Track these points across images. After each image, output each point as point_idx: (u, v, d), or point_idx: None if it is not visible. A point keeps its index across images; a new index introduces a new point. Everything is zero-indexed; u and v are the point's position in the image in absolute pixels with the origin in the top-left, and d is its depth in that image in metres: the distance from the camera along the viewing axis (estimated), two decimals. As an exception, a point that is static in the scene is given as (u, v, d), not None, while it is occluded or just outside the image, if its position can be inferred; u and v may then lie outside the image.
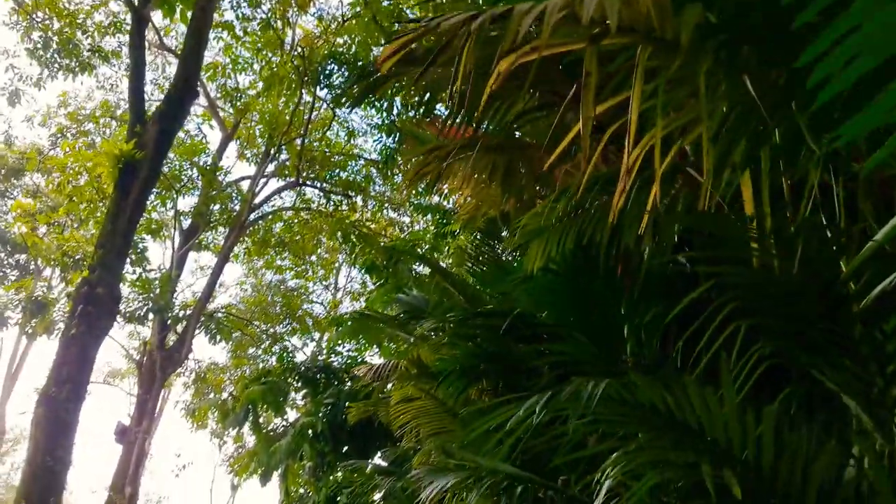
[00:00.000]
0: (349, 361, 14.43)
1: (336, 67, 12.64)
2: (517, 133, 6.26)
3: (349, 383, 13.76)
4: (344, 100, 12.72)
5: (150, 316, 12.96)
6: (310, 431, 13.08)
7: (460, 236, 11.24)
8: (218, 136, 16.99)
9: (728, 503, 2.45)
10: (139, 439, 13.16)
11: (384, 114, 13.56)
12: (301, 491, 14.09)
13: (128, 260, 13.11)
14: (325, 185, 15.44)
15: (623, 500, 3.20)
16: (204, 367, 19.07)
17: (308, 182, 15.37)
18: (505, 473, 3.97)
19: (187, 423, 17.86)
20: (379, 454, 11.82)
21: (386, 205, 16.70)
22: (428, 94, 5.15)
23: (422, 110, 6.25)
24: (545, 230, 3.93)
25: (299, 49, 13.84)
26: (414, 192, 15.04)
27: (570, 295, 4.09)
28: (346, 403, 13.34)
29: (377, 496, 12.75)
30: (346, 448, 13.69)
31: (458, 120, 6.01)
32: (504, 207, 7.47)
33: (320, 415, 13.19)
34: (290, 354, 15.40)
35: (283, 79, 12.48)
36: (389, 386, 11.39)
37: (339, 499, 12.15)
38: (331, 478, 12.80)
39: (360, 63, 11.94)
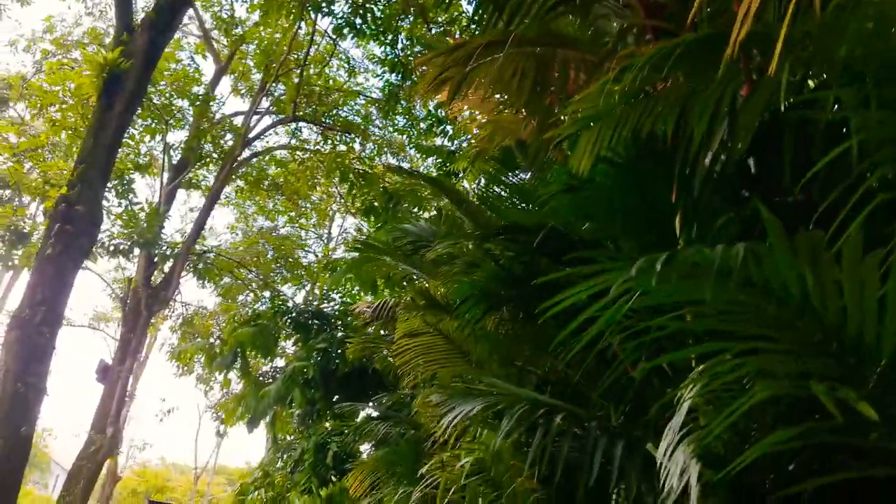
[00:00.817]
0: (342, 307, 13.87)
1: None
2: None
3: (342, 331, 13.23)
4: (346, 30, 11.95)
5: (136, 251, 12.32)
6: (300, 377, 12.59)
7: (468, 174, 10.62)
8: (211, 69, 16.19)
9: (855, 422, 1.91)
10: (121, 378, 12.61)
11: (388, 48, 12.81)
12: (289, 438, 13.63)
13: (114, 192, 12.44)
14: (322, 123, 14.70)
15: (700, 422, 2.66)
16: (192, 311, 18.50)
17: (305, 119, 14.62)
18: (542, 401, 3.43)
19: (173, 369, 17.38)
20: (371, 403, 11.32)
21: (386, 149, 15.99)
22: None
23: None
24: (602, 116, 3.31)
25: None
26: (416, 132, 14.37)
27: (625, 199, 3.49)
28: (339, 350, 12.85)
29: (365, 447, 12.36)
30: (336, 397, 13.23)
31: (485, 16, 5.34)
32: (523, 134, 6.84)
33: (312, 361, 12.69)
34: (281, 298, 14.80)
35: (282, 4, 11.67)
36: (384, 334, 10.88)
37: (328, 446, 11.70)
38: (321, 425, 12.34)
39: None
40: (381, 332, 8.51)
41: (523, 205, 5.49)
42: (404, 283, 9.05)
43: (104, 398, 12.82)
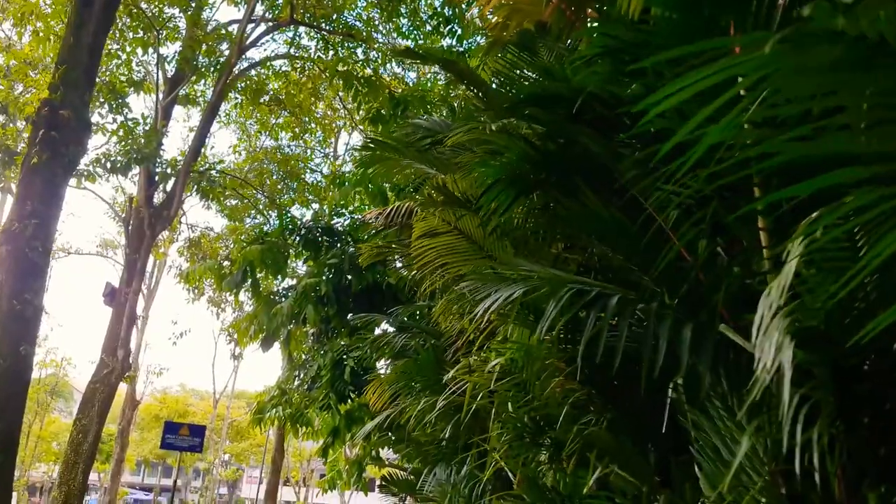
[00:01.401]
0: (352, 223, 13.40)
1: None
2: None
3: (353, 247, 12.78)
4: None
5: (135, 168, 11.80)
6: (313, 294, 12.24)
7: (481, 72, 9.89)
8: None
9: None
10: (129, 300, 12.31)
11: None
12: (305, 357, 13.42)
13: (107, 107, 11.80)
14: (322, 28, 13.84)
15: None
16: (198, 233, 18.09)
17: (303, 24, 13.75)
18: (590, 284, 2.95)
19: (184, 293, 17.11)
20: (387, 320, 10.96)
21: (390, 58, 15.13)
22: None
23: None
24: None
25: None
26: (422, 34, 13.54)
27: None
28: (352, 266, 12.46)
29: (382, 364, 12.12)
30: (350, 315, 12.92)
31: None
32: (543, 14, 6.15)
33: (323, 278, 12.31)
34: (289, 215, 14.31)
35: None
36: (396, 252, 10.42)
37: (345, 362, 11.44)
38: (336, 342, 12.05)
39: None
40: (397, 237, 8.01)
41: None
42: (418, 188, 8.52)
43: (113, 321, 12.55)
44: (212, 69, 13.97)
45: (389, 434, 10.82)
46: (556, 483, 5.36)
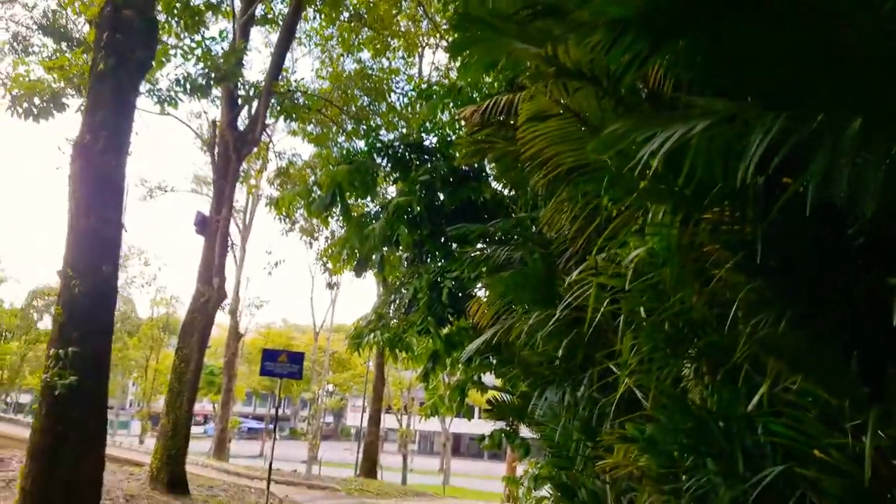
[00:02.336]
0: (442, 137, 12.55)
1: None
2: None
3: (444, 163, 11.98)
4: None
5: (217, 90, 11.32)
6: (405, 214, 11.59)
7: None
8: None
9: None
10: (220, 228, 12.04)
11: None
12: (400, 281, 12.88)
13: (181, 24, 11.28)
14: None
15: None
16: (286, 160, 17.73)
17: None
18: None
19: (278, 224, 16.86)
20: (484, 239, 10.17)
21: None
22: None
23: None
24: None
25: None
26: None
27: None
28: (444, 183, 11.71)
29: (481, 287, 11.44)
30: (444, 238, 12.24)
31: None
32: None
33: (415, 196, 11.61)
34: (377, 135, 13.58)
35: None
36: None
37: (442, 284, 10.80)
38: (432, 264, 11.41)
39: None
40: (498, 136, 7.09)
41: None
42: (513, 84, 7.55)
43: (206, 251, 12.36)
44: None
45: (490, 358, 10.22)
46: (703, 401, 4.52)
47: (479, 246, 11.51)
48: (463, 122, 7.77)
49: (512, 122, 7.05)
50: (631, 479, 6.98)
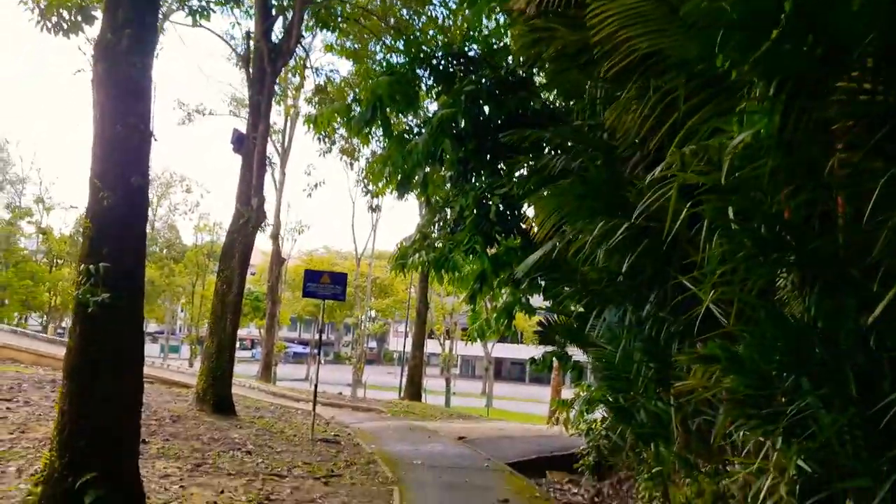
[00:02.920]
0: (488, 45, 11.77)
1: None
2: None
3: (491, 73, 11.22)
4: None
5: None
6: (450, 128, 10.94)
7: None
8: None
9: None
10: (258, 144, 11.59)
11: None
12: (445, 200, 12.34)
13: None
14: None
15: None
16: (324, 76, 17.06)
17: None
18: None
19: (317, 144, 16.34)
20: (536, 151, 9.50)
21: None
22: None
23: None
24: None
25: None
26: None
27: None
28: (489, 93, 10.99)
29: (529, 207, 10.87)
30: (489, 156, 11.62)
31: None
32: None
33: (460, 108, 10.93)
34: (418, 45, 12.82)
35: None
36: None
37: (490, 201, 10.25)
38: (479, 181, 10.83)
39: None
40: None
41: None
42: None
43: (244, 170, 11.97)
44: None
45: (539, 280, 9.74)
46: (803, 313, 3.97)
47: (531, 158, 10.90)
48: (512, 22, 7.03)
49: (572, 13, 6.33)
50: (701, 403, 6.52)
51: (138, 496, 5.53)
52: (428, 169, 12.08)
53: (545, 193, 6.07)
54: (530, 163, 8.17)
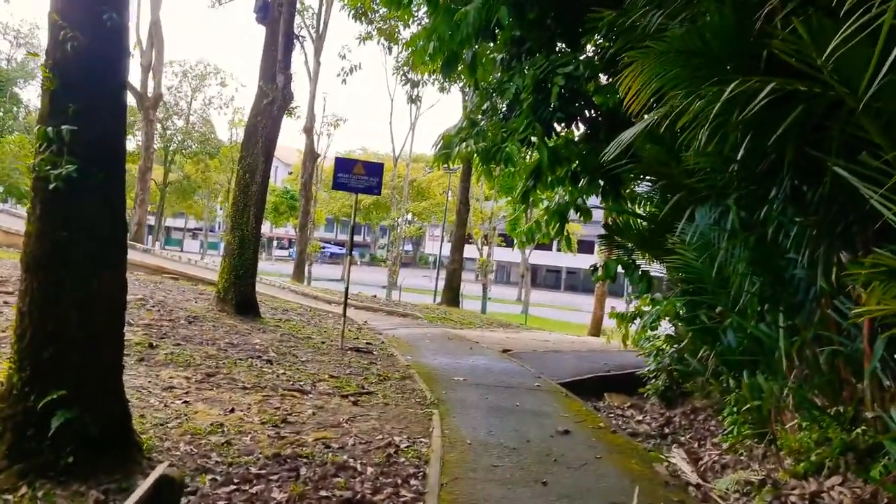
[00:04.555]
0: None
1: None
2: None
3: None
4: None
5: None
6: (506, -4, 9.27)
7: None
8: None
9: None
10: (284, 13, 10.07)
11: None
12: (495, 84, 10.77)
13: None
14: None
15: None
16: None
17: None
18: None
19: (354, 27, 14.65)
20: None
21: None
22: None
23: None
24: None
25: None
26: None
27: None
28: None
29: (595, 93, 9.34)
30: (551, 36, 9.95)
31: None
32: None
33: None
34: None
35: None
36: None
37: (552, 83, 8.69)
38: (539, 58, 9.21)
39: None
40: None
41: None
42: None
43: (268, 44, 10.49)
44: None
45: (614, 171, 8.32)
46: None
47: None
48: None
49: None
50: (830, 328, 5.18)
51: (121, 417, 4.45)
52: (477, 47, 10.49)
53: (645, 51, 4.54)
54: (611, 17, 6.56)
